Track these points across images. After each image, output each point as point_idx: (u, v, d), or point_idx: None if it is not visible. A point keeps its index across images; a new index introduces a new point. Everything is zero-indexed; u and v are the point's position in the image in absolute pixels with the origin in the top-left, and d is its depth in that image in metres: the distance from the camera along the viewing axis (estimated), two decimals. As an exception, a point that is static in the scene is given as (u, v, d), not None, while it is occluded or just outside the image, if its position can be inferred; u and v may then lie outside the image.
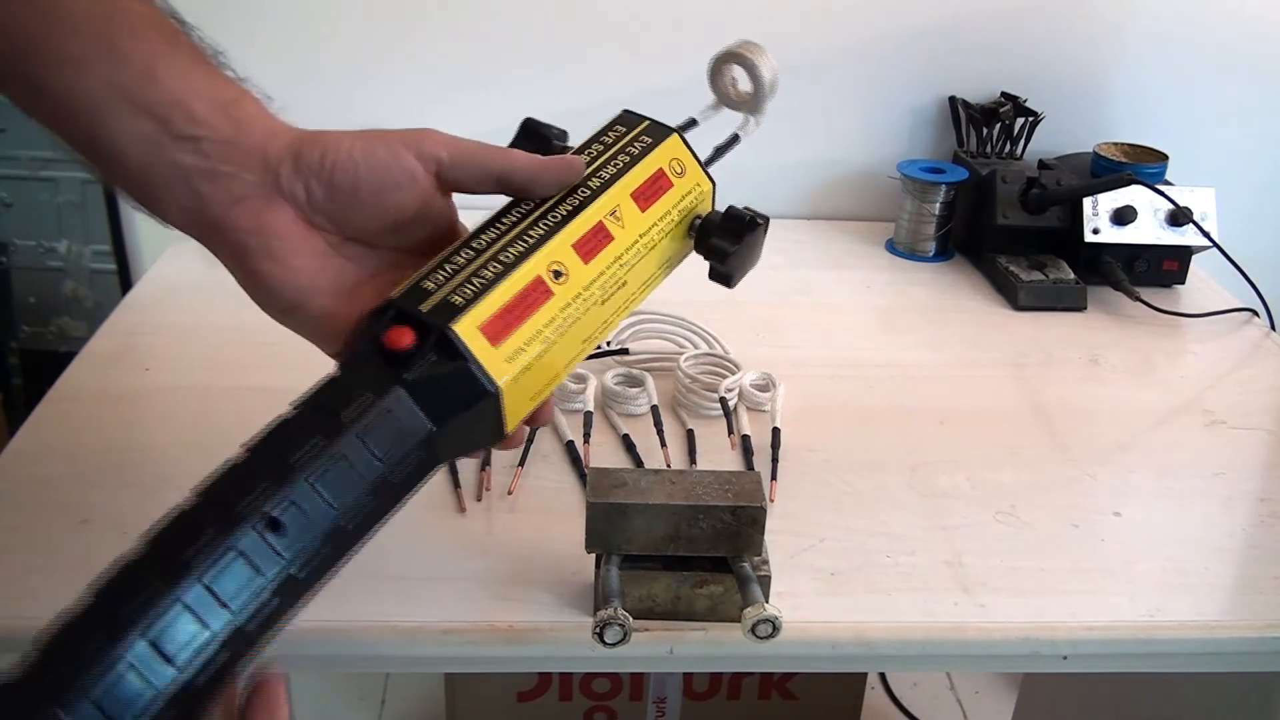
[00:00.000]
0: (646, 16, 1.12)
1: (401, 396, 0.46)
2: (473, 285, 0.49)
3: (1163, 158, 1.11)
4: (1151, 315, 1.02)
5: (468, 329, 0.48)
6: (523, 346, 0.49)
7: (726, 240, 0.57)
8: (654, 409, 0.81)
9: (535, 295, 0.50)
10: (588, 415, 0.79)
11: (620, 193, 0.55)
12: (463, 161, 0.51)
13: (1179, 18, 1.17)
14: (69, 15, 0.46)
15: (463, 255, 0.51)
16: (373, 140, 0.50)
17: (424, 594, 0.62)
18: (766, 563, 0.61)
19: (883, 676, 1.46)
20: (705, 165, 0.59)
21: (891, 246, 1.15)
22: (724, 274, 0.57)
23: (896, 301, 1.06)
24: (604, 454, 0.77)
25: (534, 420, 0.53)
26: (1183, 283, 1.09)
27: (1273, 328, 1.02)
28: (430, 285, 0.49)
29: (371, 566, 0.64)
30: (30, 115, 0.49)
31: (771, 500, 0.72)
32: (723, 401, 0.81)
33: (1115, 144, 1.14)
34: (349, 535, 0.44)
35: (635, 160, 0.56)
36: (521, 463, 0.74)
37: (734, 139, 0.61)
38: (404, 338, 0.47)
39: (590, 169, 0.55)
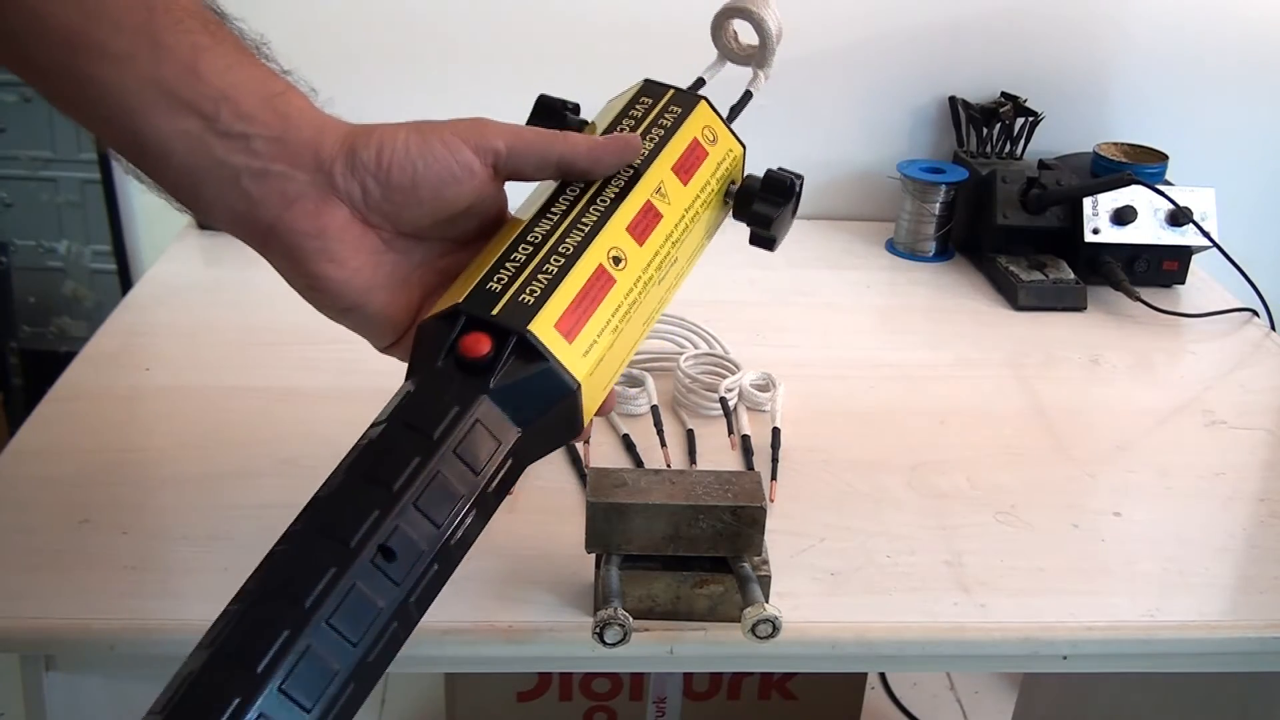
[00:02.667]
0: (647, 16, 1.12)
1: (489, 406, 0.45)
2: (539, 281, 0.48)
3: (1163, 158, 1.11)
4: (1151, 315, 1.02)
5: (544, 329, 0.47)
6: (596, 339, 0.49)
7: (769, 206, 0.56)
8: (654, 409, 0.81)
9: (600, 285, 0.50)
10: (588, 415, 0.79)
11: (662, 168, 0.54)
12: (521, 150, 0.50)
13: (1179, 18, 1.17)
14: (110, 9, 0.45)
15: (521, 250, 0.50)
16: (428, 134, 0.49)
17: (424, 594, 0.62)
18: (766, 563, 0.61)
19: (883, 676, 1.46)
20: (730, 127, 0.58)
21: (891, 246, 1.15)
22: (768, 239, 0.57)
23: (896, 301, 1.05)
24: (604, 454, 0.77)
25: (601, 409, 0.52)
26: (1183, 283, 1.09)
27: (1273, 328, 1.02)
28: (496, 286, 0.48)
29: (371, 566, 0.64)
30: (70, 115, 0.48)
31: (771, 500, 0.72)
32: (723, 401, 0.81)
33: (1115, 144, 1.14)
34: (453, 551, 0.44)
35: (670, 133, 0.55)
36: (521, 463, 0.74)
37: (746, 95, 0.60)
38: (481, 344, 0.46)
39: None
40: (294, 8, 1.08)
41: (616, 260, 0.51)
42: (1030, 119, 1.13)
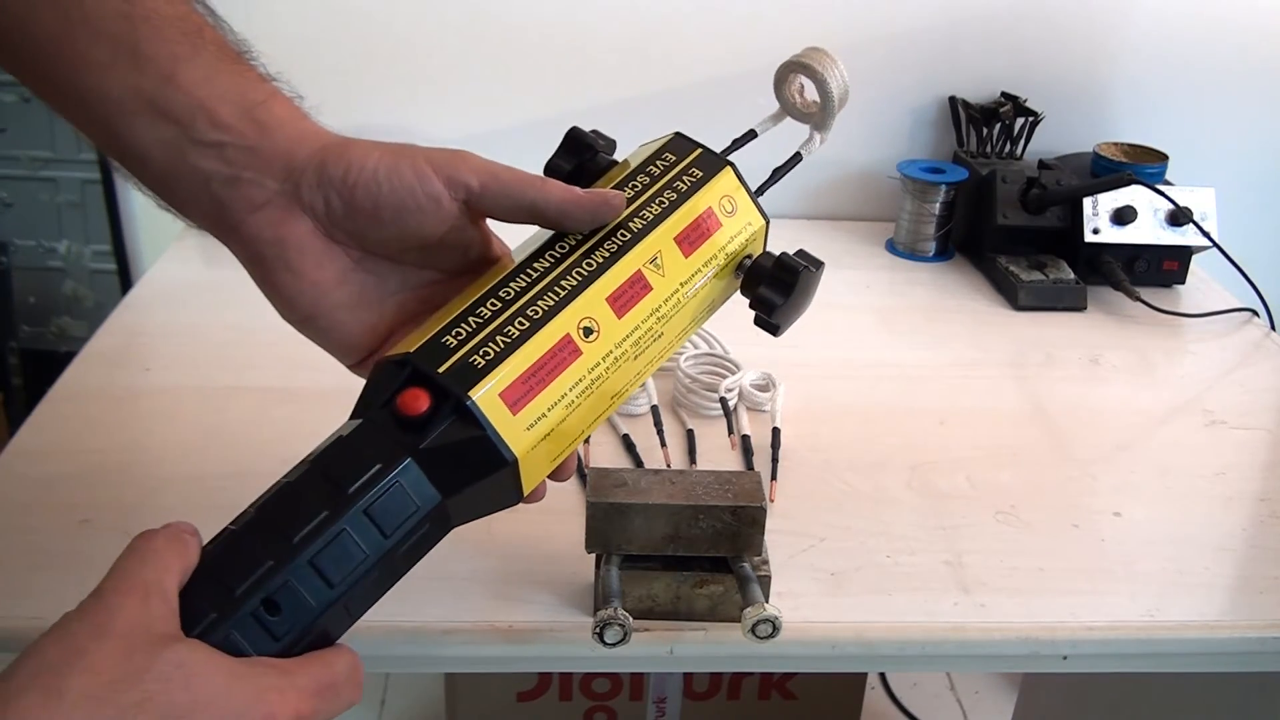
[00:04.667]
0: (647, 19, 1.12)
1: (411, 469, 0.44)
2: (495, 345, 0.46)
3: (1163, 158, 1.11)
4: (1151, 315, 1.02)
5: (488, 398, 0.45)
6: (545, 413, 0.46)
7: (776, 292, 0.52)
8: (654, 409, 0.81)
9: (562, 356, 0.47)
10: (588, 415, 0.79)
11: (663, 237, 0.50)
12: (494, 191, 0.49)
13: (1179, 18, 1.17)
14: (91, 17, 0.46)
15: (489, 306, 0.47)
16: (400, 159, 0.48)
17: (424, 594, 0.62)
18: (766, 563, 0.61)
19: (883, 676, 1.46)
20: (758, 195, 0.55)
21: (891, 246, 1.15)
22: (771, 325, 0.53)
23: (896, 301, 1.05)
24: (604, 454, 0.77)
25: (556, 475, 0.51)
26: (1183, 283, 1.09)
27: (1273, 328, 1.02)
28: (451, 341, 0.46)
29: (371, 566, 0.64)
30: (58, 115, 0.48)
31: (771, 500, 0.72)
32: (723, 401, 0.81)
33: (1115, 144, 1.14)
34: (344, 612, 0.43)
35: (683, 198, 0.51)
36: (521, 463, 0.74)
37: (795, 159, 0.56)
38: (420, 402, 0.44)
39: (633, 206, 0.51)
40: (282, 15, 1.08)
41: (587, 332, 0.48)
42: (1030, 119, 1.13)
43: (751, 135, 0.57)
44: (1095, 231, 1.04)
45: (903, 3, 1.14)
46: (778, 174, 0.56)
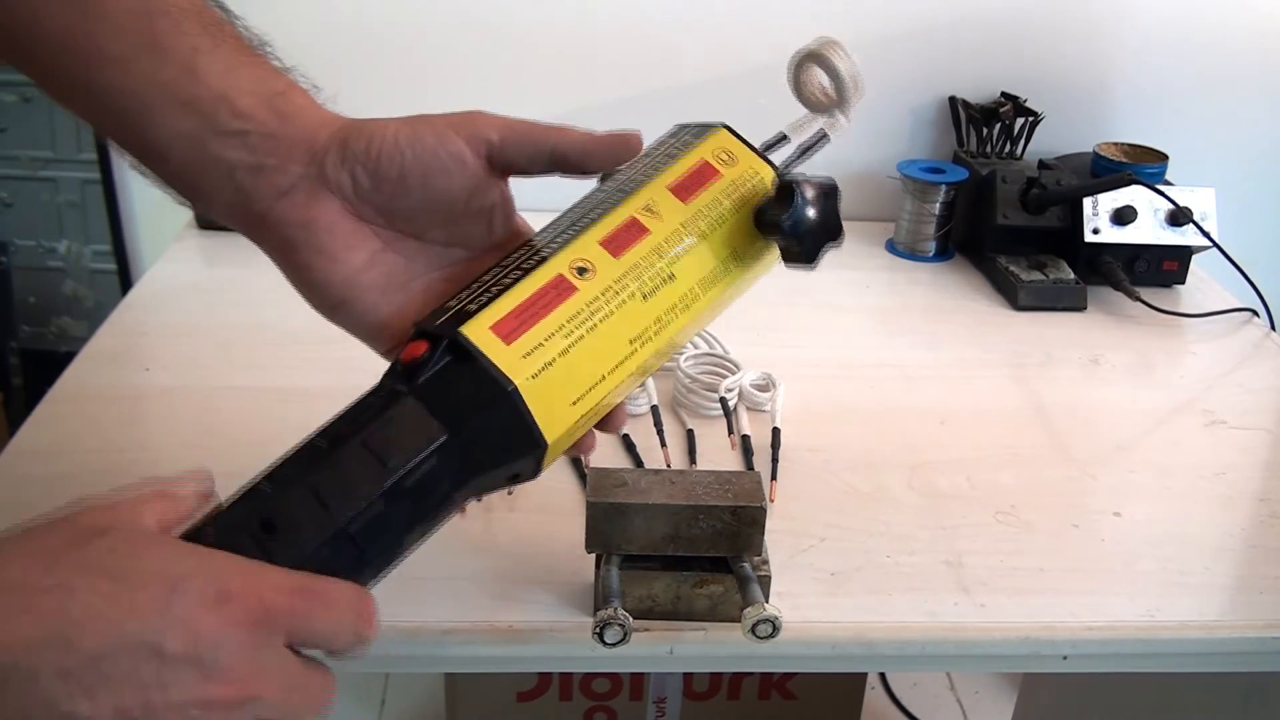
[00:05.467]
0: (649, 20, 1.12)
1: (408, 402, 0.45)
2: (489, 292, 0.48)
3: (1163, 158, 1.11)
4: (1151, 315, 1.02)
5: (477, 330, 0.47)
6: (541, 342, 0.47)
7: (779, 210, 0.52)
8: (654, 409, 0.81)
9: (555, 292, 0.48)
10: (588, 415, 0.79)
11: (655, 187, 0.52)
12: (514, 140, 0.50)
13: (1179, 18, 1.17)
14: (110, 12, 0.46)
15: (490, 272, 0.49)
16: (419, 125, 0.49)
17: (424, 594, 0.62)
18: (766, 563, 0.61)
19: (883, 676, 1.46)
20: (765, 153, 0.55)
21: (891, 246, 1.15)
22: (793, 252, 0.53)
23: (896, 301, 1.05)
24: (604, 454, 0.77)
25: (605, 426, 0.52)
26: (1183, 283, 1.09)
27: (1273, 328, 1.02)
28: (453, 302, 0.48)
29: (371, 566, 0.64)
30: (71, 111, 0.48)
31: (771, 500, 0.72)
32: (723, 401, 0.81)
33: (1115, 144, 1.14)
34: (353, 547, 0.44)
35: (675, 155, 0.53)
36: (521, 463, 0.74)
37: (821, 136, 0.56)
38: (418, 349, 0.46)
39: (633, 170, 0.53)
40: (283, 18, 1.08)
41: (581, 270, 0.49)
42: (1030, 119, 1.13)
43: (783, 139, 0.57)
44: (1095, 231, 1.04)
45: (903, 3, 1.14)
46: (806, 150, 0.56)
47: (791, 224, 0.52)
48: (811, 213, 0.52)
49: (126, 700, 0.36)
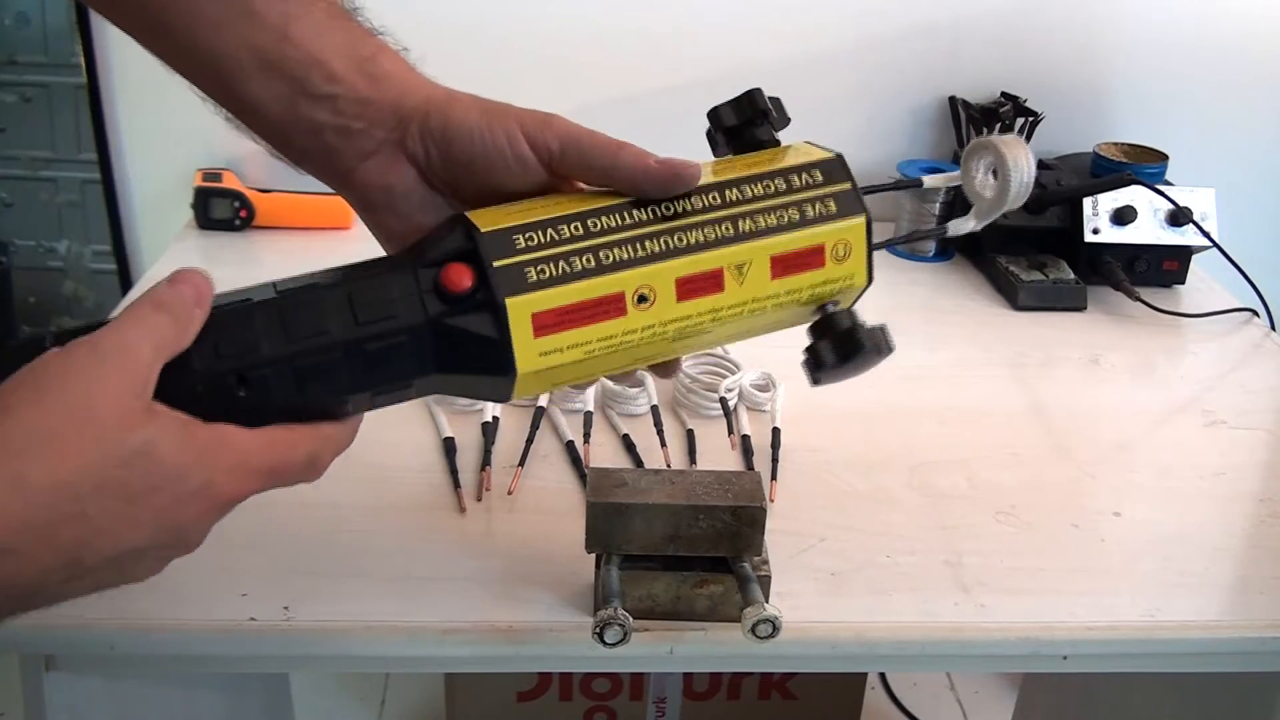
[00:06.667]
0: (651, 20, 1.11)
1: (422, 333, 0.46)
2: (555, 268, 0.47)
3: (1163, 158, 1.11)
4: (1151, 315, 1.02)
5: (520, 309, 0.46)
6: (563, 349, 0.47)
7: (834, 354, 0.53)
8: (654, 409, 0.81)
9: (607, 308, 0.48)
10: (588, 415, 0.79)
11: (761, 250, 0.50)
12: (572, 155, 0.50)
13: (1179, 18, 1.17)
14: None
15: (571, 229, 0.48)
16: (495, 118, 0.50)
17: (424, 594, 0.62)
18: (766, 563, 0.61)
19: (883, 676, 1.46)
20: (877, 249, 0.54)
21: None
22: (814, 377, 0.55)
23: (896, 301, 1.05)
24: (604, 454, 0.77)
25: (662, 371, 0.55)
26: (1183, 283, 1.09)
27: (1273, 328, 1.02)
28: (521, 242, 0.47)
29: (372, 566, 0.64)
30: (176, 72, 0.51)
31: (771, 500, 0.72)
32: (723, 401, 0.81)
33: (1115, 144, 1.14)
34: (310, 379, 0.45)
35: (802, 224, 0.51)
36: (521, 463, 0.74)
37: (941, 230, 0.56)
38: (463, 279, 0.46)
39: (756, 205, 0.50)
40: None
41: (641, 299, 0.48)
42: (1030, 119, 1.13)
43: (917, 183, 0.57)
44: (1095, 231, 1.04)
45: (903, 3, 1.13)
46: (913, 236, 0.59)
47: (830, 371, 0.54)
48: (852, 373, 0.54)
49: (158, 502, 0.40)
